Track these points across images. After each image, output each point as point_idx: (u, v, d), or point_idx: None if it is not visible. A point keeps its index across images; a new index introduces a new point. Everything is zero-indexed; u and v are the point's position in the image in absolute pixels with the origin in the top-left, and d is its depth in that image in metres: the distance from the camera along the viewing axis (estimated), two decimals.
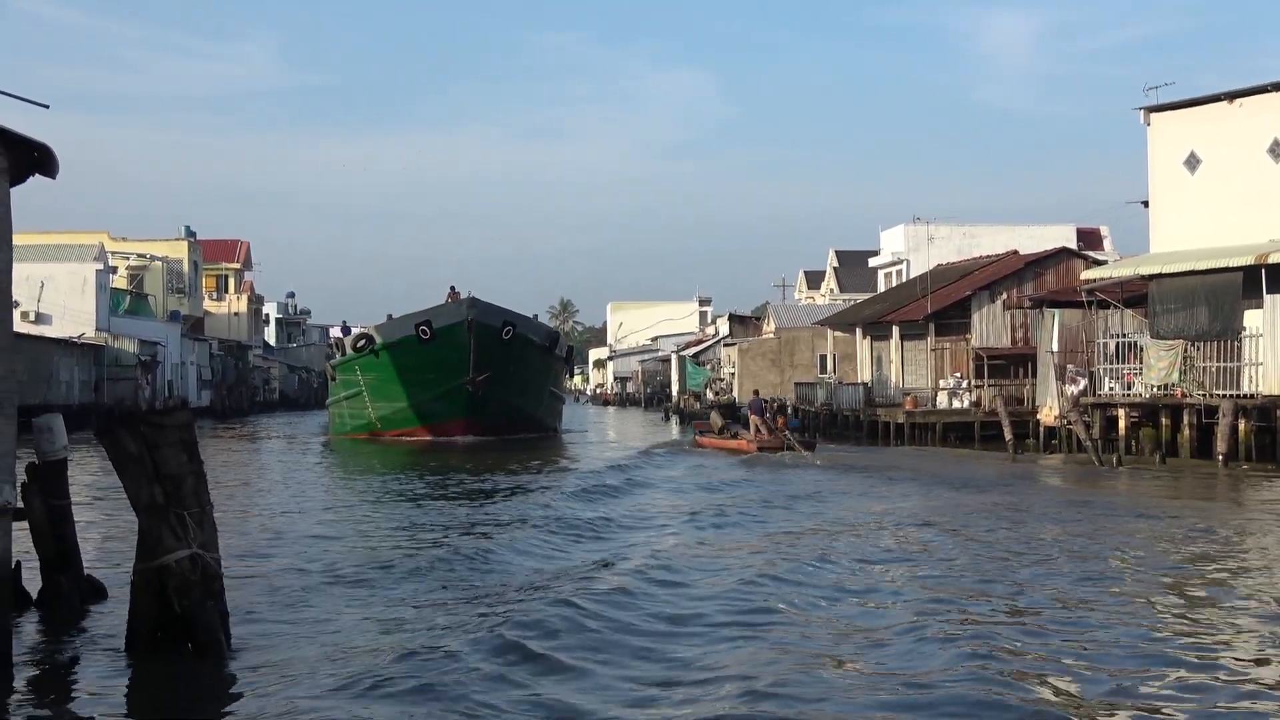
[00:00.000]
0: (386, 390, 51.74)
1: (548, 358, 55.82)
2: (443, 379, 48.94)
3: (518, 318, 52.59)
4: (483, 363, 48.54)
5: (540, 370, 55.14)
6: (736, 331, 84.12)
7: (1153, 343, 35.24)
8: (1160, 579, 15.62)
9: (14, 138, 10.40)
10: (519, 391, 52.00)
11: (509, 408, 51.37)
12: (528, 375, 52.72)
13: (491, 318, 49.84)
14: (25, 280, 61.04)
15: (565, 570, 16.51)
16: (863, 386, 54.00)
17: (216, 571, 11.12)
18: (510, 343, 50.22)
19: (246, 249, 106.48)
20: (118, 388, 65.89)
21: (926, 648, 11.71)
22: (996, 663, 11.09)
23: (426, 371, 49.26)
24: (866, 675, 10.79)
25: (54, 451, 13.33)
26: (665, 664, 11.31)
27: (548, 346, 55.39)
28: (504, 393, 50.27)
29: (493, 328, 49.41)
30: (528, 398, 53.75)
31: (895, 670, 10.97)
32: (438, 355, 48.72)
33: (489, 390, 49.23)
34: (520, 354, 51.25)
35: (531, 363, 53.09)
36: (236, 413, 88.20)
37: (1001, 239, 68.37)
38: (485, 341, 48.64)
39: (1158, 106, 37.72)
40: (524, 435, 51.96)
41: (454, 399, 49.48)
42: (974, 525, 21.12)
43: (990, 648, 11.63)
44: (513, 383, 50.85)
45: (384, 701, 9.85)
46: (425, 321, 49.76)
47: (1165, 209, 37.63)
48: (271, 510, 24.69)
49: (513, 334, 50.47)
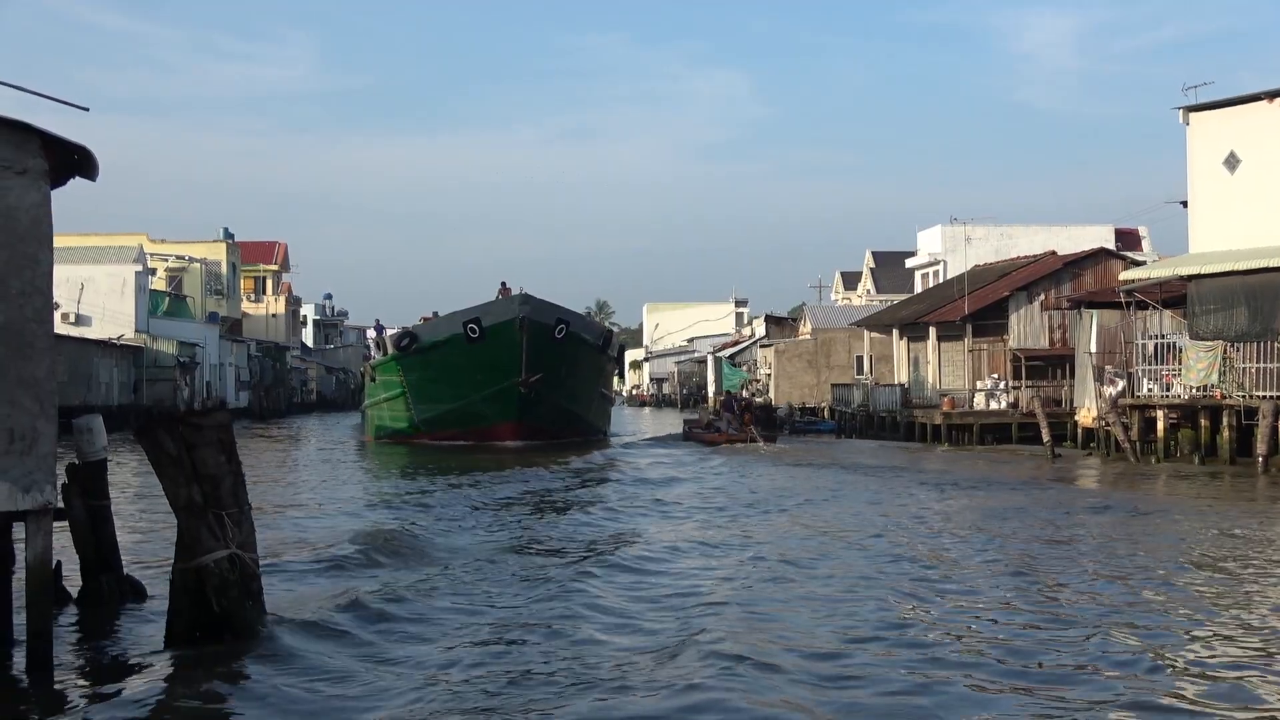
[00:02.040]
0: (430, 391, 49.50)
1: (599, 357, 53.92)
2: (492, 379, 46.88)
3: (571, 315, 50.78)
4: (535, 363, 46.47)
5: (592, 370, 53.41)
6: (773, 332, 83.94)
7: (1192, 344, 35.00)
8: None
9: (54, 140, 10.47)
10: (570, 393, 50.09)
11: (560, 410, 49.31)
12: (579, 376, 50.79)
13: (544, 315, 47.61)
14: (65, 282, 61.43)
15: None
16: (899, 388, 53.86)
17: (255, 571, 11.19)
18: (563, 342, 48.14)
19: (284, 250, 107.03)
20: (157, 389, 66.40)
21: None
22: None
23: (474, 372, 47.11)
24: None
25: (94, 452, 13.43)
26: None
27: (600, 345, 53.33)
28: (555, 394, 48.26)
29: (545, 326, 47.21)
30: (579, 399, 51.79)
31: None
32: (487, 355, 46.72)
33: (539, 391, 47.21)
34: (573, 354, 49.28)
35: (584, 363, 51.13)
36: (274, 414, 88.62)
37: (1039, 239, 68.16)
38: (537, 340, 46.53)
39: (1197, 106, 37.43)
40: (574, 439, 49.47)
41: (503, 401, 47.33)
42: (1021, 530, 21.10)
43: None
44: (564, 384, 48.90)
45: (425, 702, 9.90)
46: (474, 319, 47.48)
47: (1204, 209, 37.33)
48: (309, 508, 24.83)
49: (565, 332, 48.35)
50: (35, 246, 10.33)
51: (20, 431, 10.13)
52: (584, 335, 51.04)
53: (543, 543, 19.62)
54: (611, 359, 57.30)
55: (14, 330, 10.16)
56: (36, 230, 10.35)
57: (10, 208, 10.24)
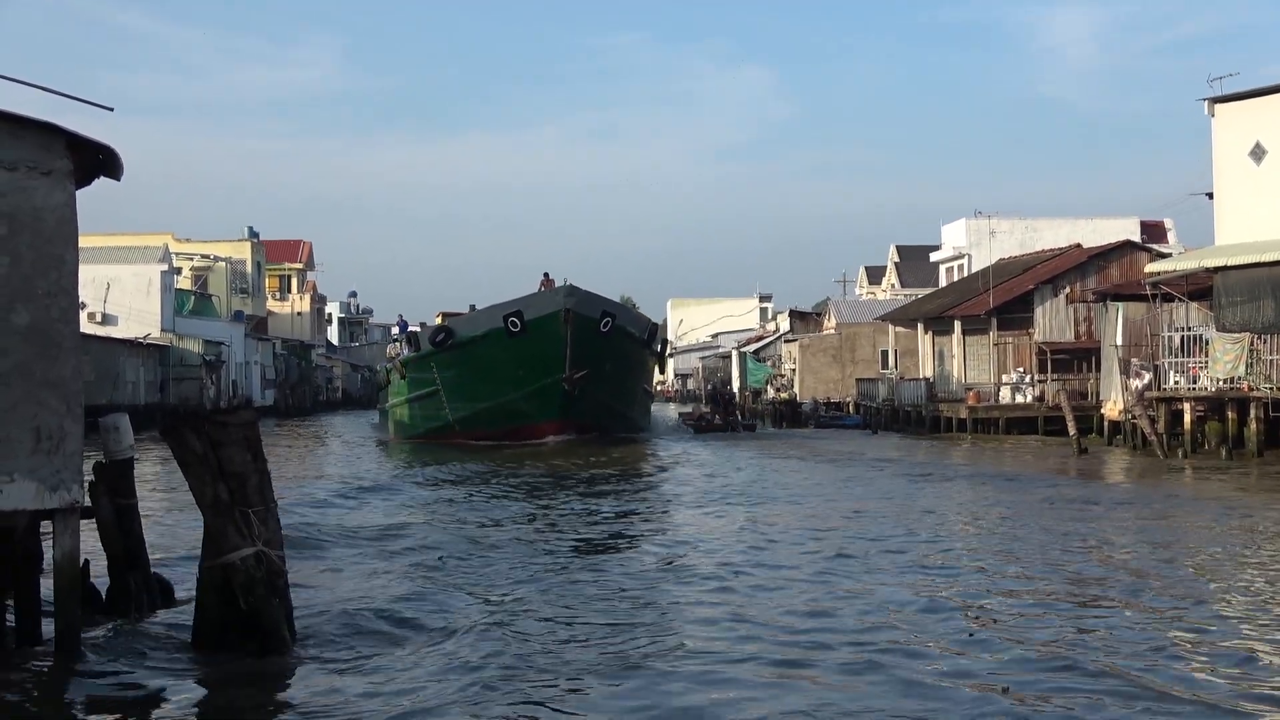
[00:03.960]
0: (467, 388, 47.29)
1: (643, 352, 51.76)
2: (534, 376, 44.69)
3: (616, 307, 48.57)
4: (579, 358, 44.22)
5: (637, 365, 51.36)
6: (797, 327, 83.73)
7: (1218, 336, 34.85)
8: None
9: (79, 140, 10.52)
10: (615, 389, 47.63)
11: (603, 407, 46.97)
12: (624, 371, 48.58)
13: (590, 308, 45.37)
14: (91, 281, 61.74)
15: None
16: (925, 382, 53.75)
17: (281, 569, 11.22)
18: (609, 335, 45.84)
19: (309, 249, 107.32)
20: (183, 387, 66.63)
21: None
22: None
23: (515, 367, 44.88)
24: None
25: (120, 451, 13.46)
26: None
27: (645, 339, 51.16)
28: (599, 391, 45.91)
29: (591, 319, 44.92)
30: (623, 396, 49.45)
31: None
32: (529, 349, 44.50)
33: (583, 388, 44.94)
34: (618, 348, 47.00)
35: (629, 358, 49.01)
36: (300, 411, 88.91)
37: (1064, 232, 67.88)
38: (582, 334, 44.30)
39: (1222, 98, 37.26)
40: (619, 436, 47.46)
41: (546, 398, 45.11)
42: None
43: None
44: (609, 380, 46.41)
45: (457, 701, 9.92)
46: (515, 312, 45.17)
47: (1230, 201, 37.16)
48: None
49: (611, 325, 46.06)
50: (61, 247, 10.39)
51: (47, 431, 10.19)
52: (629, 329, 48.90)
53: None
54: (655, 354, 55.35)
55: (40, 330, 10.22)
56: (62, 230, 10.41)
57: (36, 208, 10.30)
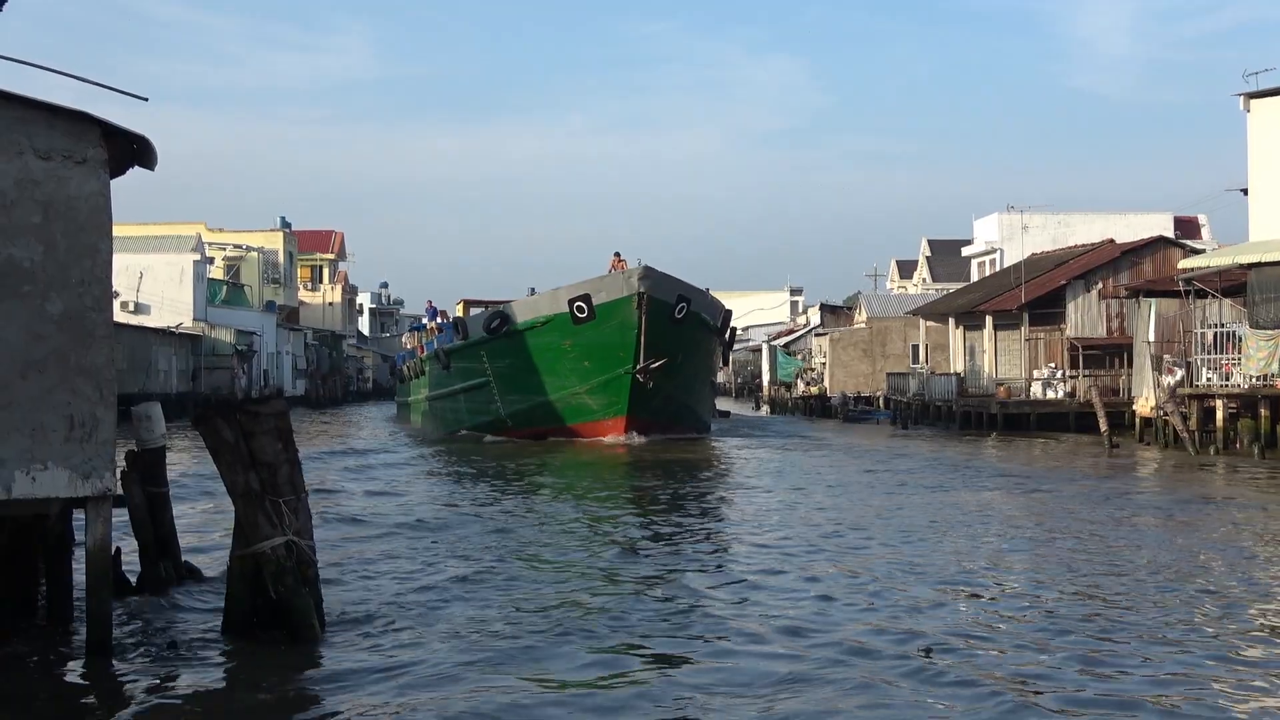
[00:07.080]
0: (522, 380, 42.92)
1: (714, 341, 46.84)
2: (601, 367, 40.97)
3: (693, 291, 43.15)
4: (650, 347, 40.11)
5: (708, 356, 46.88)
6: (828, 321, 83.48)
7: (1252, 332, 34.62)
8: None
9: (113, 130, 10.57)
10: (685, 383, 43.49)
11: (674, 402, 42.94)
12: (695, 363, 44.21)
13: (665, 291, 40.86)
14: (125, 270, 62.12)
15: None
16: (955, 377, 53.52)
17: (311, 558, 11.27)
18: (683, 322, 41.73)
19: (340, 239, 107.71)
20: (214, 377, 67.03)
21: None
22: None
23: (581, 358, 41.23)
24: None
25: (152, 440, 13.55)
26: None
27: (718, 327, 46.27)
28: (670, 384, 41.70)
29: (665, 304, 40.70)
30: (693, 391, 45.12)
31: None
32: (596, 337, 40.64)
33: (656, 381, 40.79)
34: (691, 337, 42.88)
35: (701, 347, 44.63)
36: (331, 401, 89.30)
37: (1097, 227, 67.53)
38: (655, 321, 40.17)
39: (1258, 93, 37.02)
40: (685, 435, 43.66)
41: (614, 391, 41.17)
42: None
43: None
44: (681, 371, 42.20)
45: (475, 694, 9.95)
46: (582, 296, 40.80)
47: (1265, 196, 36.92)
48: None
49: (686, 311, 41.75)
50: (95, 236, 10.45)
51: (80, 419, 10.25)
52: (705, 316, 44.06)
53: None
54: (727, 344, 50.24)
55: (74, 319, 10.28)
56: (96, 220, 10.47)
57: (70, 197, 10.36)
